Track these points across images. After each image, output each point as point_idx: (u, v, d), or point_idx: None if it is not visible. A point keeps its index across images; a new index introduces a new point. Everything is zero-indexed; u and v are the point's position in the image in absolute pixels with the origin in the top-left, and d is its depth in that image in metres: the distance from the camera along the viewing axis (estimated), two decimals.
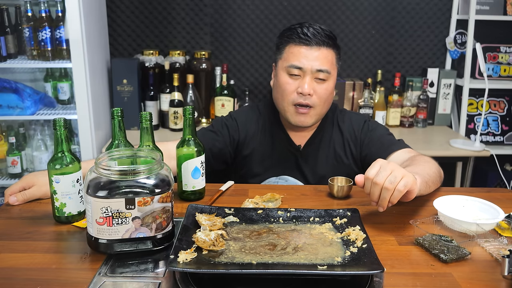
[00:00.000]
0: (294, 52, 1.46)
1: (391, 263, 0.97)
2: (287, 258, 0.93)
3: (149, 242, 0.98)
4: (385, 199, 1.08)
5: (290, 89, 1.47)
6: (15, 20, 2.41)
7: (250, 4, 2.75)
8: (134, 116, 2.47)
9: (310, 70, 1.44)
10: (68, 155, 1.10)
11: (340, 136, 1.58)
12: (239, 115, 1.63)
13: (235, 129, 1.59)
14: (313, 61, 1.44)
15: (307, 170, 1.56)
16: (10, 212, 1.21)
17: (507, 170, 2.86)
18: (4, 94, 2.33)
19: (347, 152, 1.56)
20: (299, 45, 1.46)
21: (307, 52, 1.45)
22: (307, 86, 1.44)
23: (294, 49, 1.46)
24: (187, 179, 1.26)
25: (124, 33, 2.76)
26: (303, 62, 1.44)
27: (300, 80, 1.46)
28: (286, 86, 1.48)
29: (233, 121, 1.61)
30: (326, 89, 1.48)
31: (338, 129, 1.59)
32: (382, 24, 2.82)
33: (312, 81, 1.46)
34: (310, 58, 1.44)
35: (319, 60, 1.45)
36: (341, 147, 1.57)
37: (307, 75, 1.45)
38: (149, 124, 1.20)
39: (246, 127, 1.60)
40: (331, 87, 1.50)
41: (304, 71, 1.45)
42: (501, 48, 2.79)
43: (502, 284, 0.92)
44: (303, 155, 1.56)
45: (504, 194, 1.40)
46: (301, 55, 1.45)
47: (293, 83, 1.47)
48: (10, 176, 2.46)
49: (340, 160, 1.56)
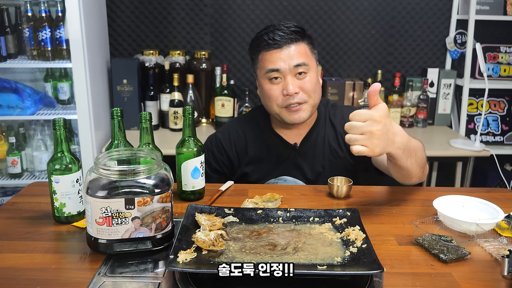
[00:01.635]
0: (268, 58, 1.48)
1: (390, 263, 0.97)
2: (287, 258, 0.93)
3: (148, 242, 0.98)
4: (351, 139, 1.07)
5: (275, 94, 1.48)
6: (15, 20, 2.41)
7: (250, 4, 2.75)
8: (134, 116, 2.47)
9: (288, 69, 1.46)
10: (68, 155, 1.10)
11: (333, 131, 1.59)
12: (223, 133, 1.64)
13: (221, 152, 1.61)
14: (288, 60, 1.46)
15: (306, 167, 1.57)
16: (10, 212, 1.21)
17: (507, 170, 2.86)
18: (4, 94, 2.33)
19: (341, 145, 1.57)
20: (269, 51, 1.47)
21: (279, 54, 1.46)
22: (291, 86, 1.45)
23: (266, 55, 1.48)
24: (187, 179, 1.26)
25: (124, 33, 2.77)
26: (279, 64, 1.46)
27: (283, 82, 1.48)
28: (271, 92, 1.49)
29: (218, 143, 1.62)
30: (310, 81, 1.48)
31: (331, 124, 1.60)
32: (382, 24, 2.82)
33: (294, 79, 1.47)
34: (284, 58, 1.46)
35: (293, 57, 1.46)
36: (335, 141, 1.58)
37: (287, 75, 1.46)
38: (149, 124, 1.20)
39: (232, 143, 1.61)
40: (314, 77, 1.50)
41: (283, 72, 1.46)
42: (501, 48, 2.79)
43: (501, 284, 0.92)
44: (301, 152, 1.57)
45: (504, 194, 1.40)
46: (274, 59, 1.46)
47: (277, 88, 1.48)
48: (10, 176, 2.47)
49: (336, 154, 1.57)
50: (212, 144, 1.63)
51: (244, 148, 1.60)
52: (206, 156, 1.56)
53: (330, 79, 2.75)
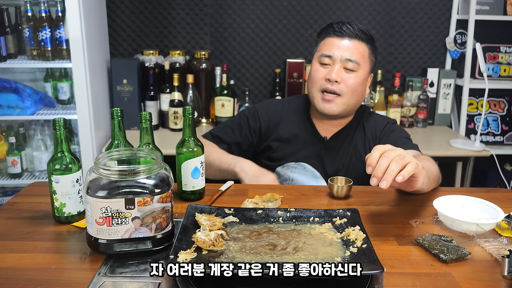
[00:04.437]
0: (327, 43, 1.56)
1: (391, 263, 0.97)
2: (287, 258, 0.93)
3: (148, 242, 0.98)
4: (393, 171, 1.00)
5: (319, 76, 1.55)
6: (15, 20, 2.41)
7: (250, 4, 2.75)
8: (134, 116, 2.47)
9: (339, 58, 1.52)
10: (68, 155, 1.10)
11: (363, 135, 1.64)
12: (262, 105, 1.72)
13: (255, 120, 1.67)
14: (343, 51, 1.53)
15: (328, 161, 1.61)
16: (10, 212, 1.21)
17: (507, 170, 2.86)
18: (4, 94, 2.33)
19: (367, 150, 1.61)
20: (332, 37, 1.55)
21: (339, 43, 1.54)
22: (335, 73, 1.52)
23: (328, 40, 1.56)
24: (187, 179, 1.26)
25: (124, 33, 2.76)
26: (333, 51, 1.53)
27: (330, 68, 1.54)
28: (316, 73, 1.56)
29: (255, 111, 1.69)
30: (355, 80, 1.54)
31: (363, 128, 1.65)
32: (382, 24, 2.82)
33: (340, 70, 1.53)
34: (340, 47, 1.53)
35: (349, 50, 1.53)
36: (362, 145, 1.62)
37: (336, 64, 1.53)
38: (149, 124, 1.20)
39: (267, 115, 1.68)
40: (360, 78, 1.55)
41: (334, 60, 1.53)
42: (501, 48, 2.79)
43: (502, 284, 0.92)
44: (327, 146, 1.62)
45: (504, 194, 1.40)
46: (333, 45, 1.54)
47: (323, 71, 1.55)
48: (10, 176, 2.47)
49: (360, 156, 1.61)
50: (249, 111, 1.70)
51: (276, 124, 1.67)
52: (239, 121, 1.69)
53: None
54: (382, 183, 1.01)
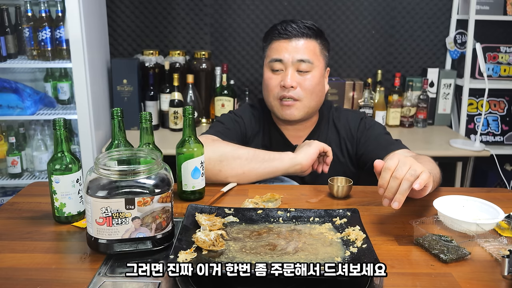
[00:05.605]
0: (275, 47, 1.47)
1: (391, 263, 0.97)
2: (287, 258, 0.93)
3: (149, 242, 0.98)
4: (404, 190, 1.03)
5: (273, 84, 1.48)
6: (15, 20, 2.41)
7: (250, 4, 2.75)
8: (134, 116, 2.47)
9: (290, 61, 1.44)
10: (68, 155, 1.10)
11: (336, 135, 1.58)
12: (244, 112, 1.62)
13: (243, 126, 1.59)
14: (293, 53, 1.44)
15: None
16: (10, 212, 1.21)
17: (507, 170, 2.86)
18: (4, 94, 2.33)
19: (343, 150, 1.56)
20: (279, 40, 1.47)
21: (287, 45, 1.45)
22: (289, 78, 1.44)
23: (275, 44, 1.48)
24: (187, 179, 1.26)
25: (124, 33, 2.77)
26: (283, 55, 1.45)
27: (283, 74, 1.46)
28: (270, 81, 1.48)
29: (240, 118, 1.60)
30: (311, 81, 1.47)
31: (334, 127, 1.58)
32: (382, 24, 2.82)
33: (294, 73, 1.45)
34: (289, 49, 1.45)
35: (299, 50, 1.44)
36: (338, 146, 1.57)
37: (288, 68, 1.45)
38: (149, 124, 1.20)
39: (251, 124, 1.60)
40: (316, 78, 1.48)
41: (285, 64, 1.45)
42: (501, 48, 2.79)
43: (502, 284, 0.92)
44: None
45: (504, 194, 1.40)
46: (281, 48, 1.46)
47: (276, 78, 1.47)
48: (10, 176, 2.47)
49: (336, 159, 1.56)
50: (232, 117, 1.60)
51: (251, 138, 1.59)
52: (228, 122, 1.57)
53: (330, 79, 2.75)
54: (394, 204, 1.04)
